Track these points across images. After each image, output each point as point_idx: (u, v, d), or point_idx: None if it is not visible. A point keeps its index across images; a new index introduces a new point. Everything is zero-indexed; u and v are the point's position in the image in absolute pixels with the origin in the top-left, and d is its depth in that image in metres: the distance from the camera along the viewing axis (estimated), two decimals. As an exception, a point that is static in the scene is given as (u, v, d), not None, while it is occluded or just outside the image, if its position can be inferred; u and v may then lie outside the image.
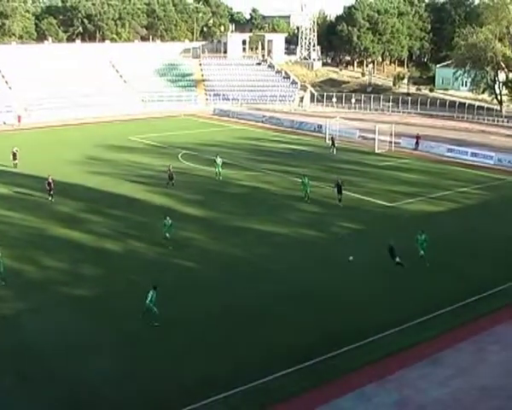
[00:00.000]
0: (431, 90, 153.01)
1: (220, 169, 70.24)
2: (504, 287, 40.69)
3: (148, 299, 35.08)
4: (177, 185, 66.11)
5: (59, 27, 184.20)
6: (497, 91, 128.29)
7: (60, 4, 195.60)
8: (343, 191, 60.03)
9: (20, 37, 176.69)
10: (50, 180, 61.70)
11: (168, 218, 49.26)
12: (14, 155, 75.75)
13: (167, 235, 48.95)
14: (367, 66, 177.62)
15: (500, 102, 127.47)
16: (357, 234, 53.30)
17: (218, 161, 70.31)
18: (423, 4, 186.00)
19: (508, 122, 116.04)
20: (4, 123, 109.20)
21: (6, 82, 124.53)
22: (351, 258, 37.95)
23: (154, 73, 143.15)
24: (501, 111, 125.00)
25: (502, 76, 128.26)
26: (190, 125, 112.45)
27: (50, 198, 60.80)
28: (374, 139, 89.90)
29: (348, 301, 38.72)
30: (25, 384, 29.83)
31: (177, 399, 28.48)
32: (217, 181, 69.57)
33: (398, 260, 42.58)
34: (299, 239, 51.29)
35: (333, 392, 29.08)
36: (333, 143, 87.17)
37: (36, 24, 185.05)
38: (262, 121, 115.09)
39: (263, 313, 37.00)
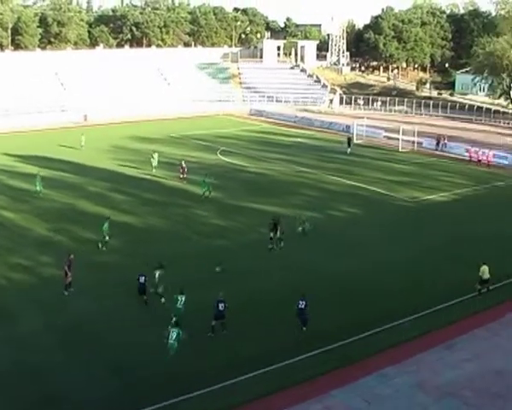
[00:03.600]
0: (451, 95, 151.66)
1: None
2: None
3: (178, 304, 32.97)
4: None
5: (109, 34, 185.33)
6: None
7: (111, 13, 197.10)
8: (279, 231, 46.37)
9: (75, 43, 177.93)
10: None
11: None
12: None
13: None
14: (392, 71, 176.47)
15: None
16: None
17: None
18: (444, 15, 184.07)
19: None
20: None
21: (61, 84, 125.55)
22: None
23: (196, 76, 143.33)
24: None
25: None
26: (227, 123, 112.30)
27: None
28: (398, 139, 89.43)
29: (363, 289, 38.61)
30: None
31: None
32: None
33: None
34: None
35: (356, 373, 29.03)
36: (349, 143, 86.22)
37: (89, 31, 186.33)
38: (294, 121, 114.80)
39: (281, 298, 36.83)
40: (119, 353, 30.47)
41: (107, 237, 45.10)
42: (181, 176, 66.75)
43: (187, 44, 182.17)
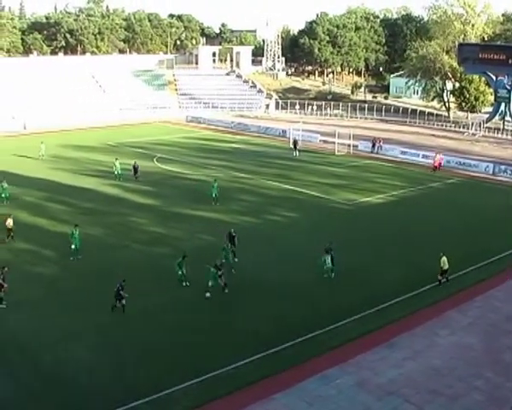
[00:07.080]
0: (386, 98, 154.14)
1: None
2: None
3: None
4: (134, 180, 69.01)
5: (43, 42, 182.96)
6: (445, 99, 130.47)
7: (44, 20, 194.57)
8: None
9: (8, 51, 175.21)
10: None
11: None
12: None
13: None
14: (327, 75, 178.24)
15: (448, 109, 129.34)
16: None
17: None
18: (378, 20, 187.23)
19: (455, 127, 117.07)
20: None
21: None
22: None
23: (132, 83, 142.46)
24: (448, 117, 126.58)
25: (449, 85, 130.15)
26: (164, 130, 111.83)
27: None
28: (334, 143, 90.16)
29: (298, 290, 39.01)
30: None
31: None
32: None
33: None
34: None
35: (298, 376, 29.15)
36: (295, 146, 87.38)
37: (22, 39, 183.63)
38: (231, 127, 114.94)
39: (222, 301, 37.32)
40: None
41: (72, 246, 44.35)
42: (135, 176, 69.49)
43: (122, 51, 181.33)
